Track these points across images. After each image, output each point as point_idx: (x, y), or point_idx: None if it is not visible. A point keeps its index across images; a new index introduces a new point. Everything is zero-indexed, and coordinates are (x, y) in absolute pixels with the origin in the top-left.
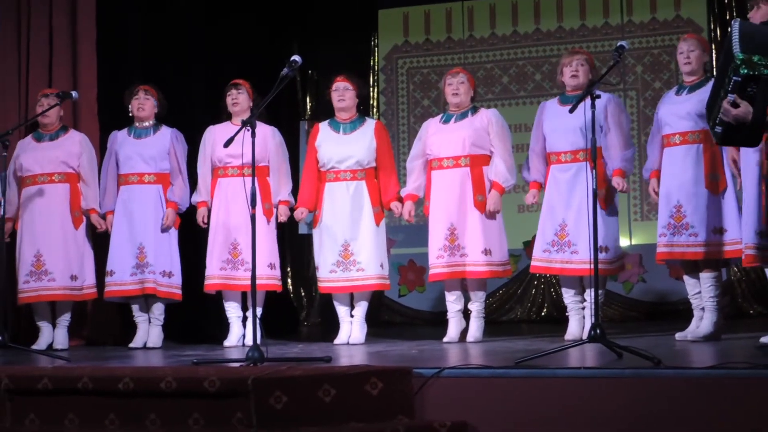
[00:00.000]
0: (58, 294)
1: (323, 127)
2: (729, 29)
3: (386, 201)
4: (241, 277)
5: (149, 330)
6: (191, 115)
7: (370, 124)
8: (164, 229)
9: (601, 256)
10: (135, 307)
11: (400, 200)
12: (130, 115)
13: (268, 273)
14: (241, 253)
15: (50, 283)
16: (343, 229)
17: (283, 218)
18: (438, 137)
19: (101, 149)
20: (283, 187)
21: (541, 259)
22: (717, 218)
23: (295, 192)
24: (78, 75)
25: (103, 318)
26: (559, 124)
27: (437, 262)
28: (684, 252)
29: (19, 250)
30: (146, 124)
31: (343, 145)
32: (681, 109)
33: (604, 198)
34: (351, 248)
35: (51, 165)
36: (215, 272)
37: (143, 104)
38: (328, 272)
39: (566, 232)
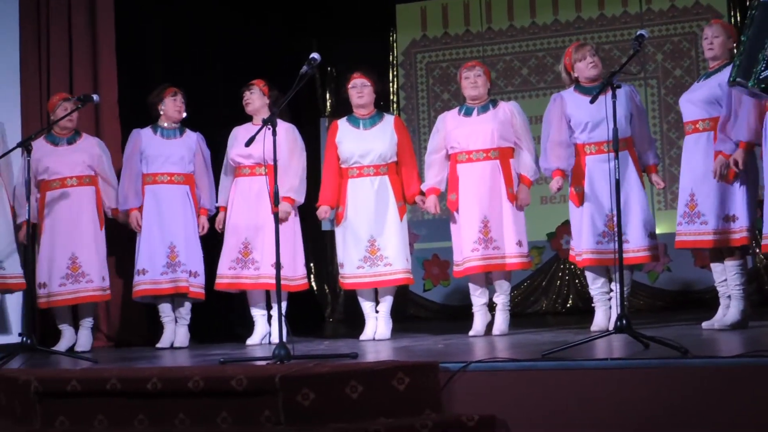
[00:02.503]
0: (94, 296)
1: (342, 123)
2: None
3: (409, 195)
4: (250, 275)
5: (176, 330)
6: (211, 115)
7: (389, 119)
8: (197, 225)
9: (653, 242)
10: (162, 307)
11: (423, 194)
12: (160, 114)
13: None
14: (251, 252)
15: (88, 285)
16: (368, 225)
17: (282, 215)
18: (462, 130)
19: (123, 151)
20: (287, 183)
21: (593, 251)
22: (728, 206)
23: (316, 189)
24: (98, 77)
25: (130, 318)
26: (594, 115)
27: (472, 255)
28: (696, 240)
29: (48, 253)
30: (174, 125)
31: (364, 141)
32: (694, 96)
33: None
34: (377, 243)
35: (78, 168)
36: (224, 271)
37: (181, 107)
38: (354, 268)
39: (615, 222)
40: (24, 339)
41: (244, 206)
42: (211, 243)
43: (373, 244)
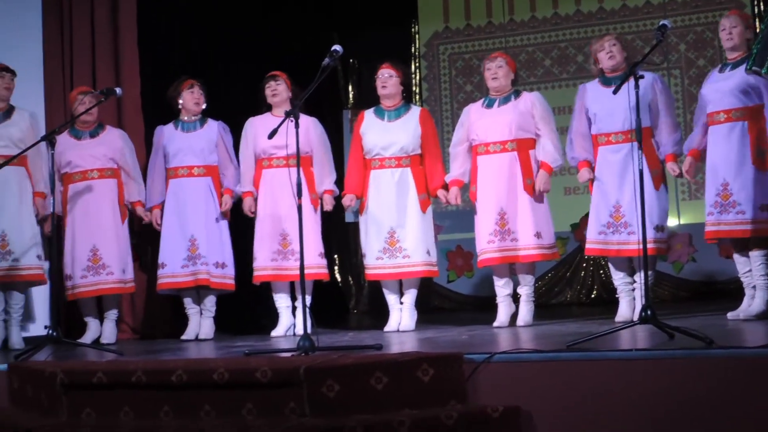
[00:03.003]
0: (114, 287)
1: (368, 114)
2: None
3: (433, 188)
4: (292, 267)
5: (201, 322)
6: (232, 106)
7: (415, 111)
8: (221, 216)
9: (658, 235)
10: (187, 300)
11: (446, 187)
12: (180, 107)
13: (319, 262)
14: (291, 243)
15: (108, 277)
16: (388, 217)
17: (328, 207)
18: (482, 122)
19: (147, 144)
20: (326, 176)
21: (596, 242)
22: (765, 195)
23: (340, 180)
24: (121, 71)
25: (155, 311)
26: (607, 106)
27: (488, 247)
28: (731, 230)
29: (70, 245)
30: (194, 117)
31: (387, 133)
32: (724, 86)
33: (659, 177)
34: (397, 235)
35: (99, 161)
36: (266, 263)
37: (199, 99)
38: (374, 259)
39: (621, 213)
40: (50, 331)
41: (279, 197)
42: (238, 234)
43: (393, 235)
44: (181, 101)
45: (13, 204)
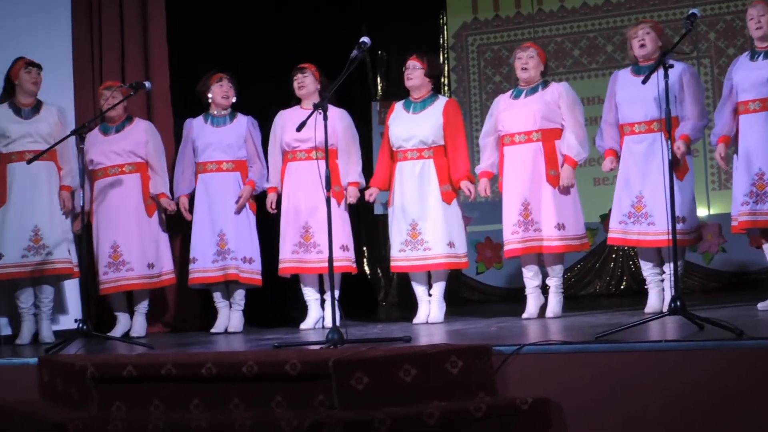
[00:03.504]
0: (136, 283)
1: (398, 106)
2: None
3: (455, 180)
4: (314, 259)
5: (230, 315)
6: (262, 100)
7: (441, 102)
8: (249, 211)
9: (678, 227)
10: (216, 294)
11: (470, 179)
12: (209, 102)
13: (341, 255)
14: (313, 236)
15: (128, 273)
16: (411, 209)
17: (351, 199)
18: (509, 113)
19: (176, 138)
20: (352, 168)
21: (617, 231)
22: None
23: (368, 172)
24: (150, 65)
25: (185, 304)
26: (633, 95)
27: (512, 238)
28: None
29: (96, 242)
30: (224, 111)
31: (410, 124)
32: (760, 75)
33: (681, 169)
34: (419, 227)
35: (120, 157)
36: (287, 256)
37: (228, 93)
38: (397, 251)
39: (643, 204)
40: (80, 325)
41: (302, 190)
42: (265, 228)
43: (415, 228)
44: (210, 95)
45: (45, 199)
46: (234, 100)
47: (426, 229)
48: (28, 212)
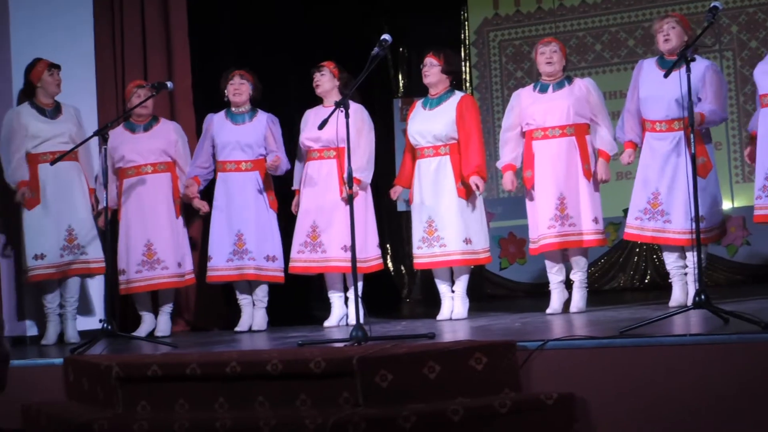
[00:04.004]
0: (169, 282)
1: (418, 104)
2: None
3: (465, 175)
4: (318, 259)
5: (254, 313)
6: (284, 97)
7: (455, 97)
8: (270, 209)
9: (701, 225)
10: (239, 292)
11: (480, 174)
12: (226, 100)
13: (344, 255)
14: (320, 235)
15: (163, 272)
16: (428, 206)
17: (345, 195)
18: (538, 107)
19: (198, 137)
20: (353, 163)
21: (634, 227)
22: None
23: (389, 170)
24: (172, 64)
25: (208, 303)
26: (656, 93)
27: (548, 232)
28: None
29: (125, 240)
30: (242, 109)
31: (425, 121)
32: None
33: (703, 166)
34: (435, 224)
35: (153, 155)
36: (295, 255)
37: (239, 89)
38: (416, 248)
39: (659, 201)
40: (105, 325)
41: (312, 190)
42: (288, 226)
43: (431, 224)
44: (226, 92)
45: (77, 198)
46: (246, 97)
47: (441, 225)
48: (62, 212)
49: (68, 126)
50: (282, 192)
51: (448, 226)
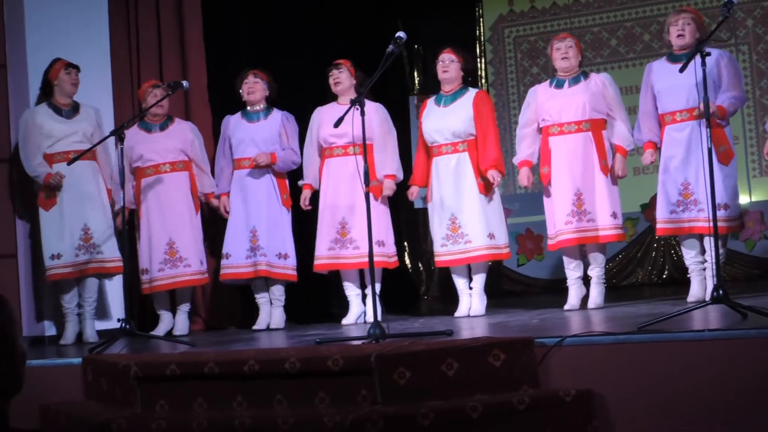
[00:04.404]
0: (193, 279)
1: (430, 102)
2: None
3: (483, 169)
4: (349, 255)
5: (272, 311)
6: (300, 96)
7: (470, 94)
8: (282, 207)
9: (722, 213)
10: (257, 290)
11: (498, 169)
12: (243, 99)
13: (377, 251)
14: (350, 231)
15: (186, 269)
16: (449, 203)
17: (388, 192)
18: (554, 102)
19: (215, 136)
20: (388, 160)
21: (668, 221)
22: None
23: (407, 167)
24: (187, 63)
25: (225, 302)
26: (672, 83)
27: (565, 228)
28: None
29: (146, 239)
30: (257, 107)
31: (441, 118)
32: None
33: (725, 154)
34: (458, 221)
35: (171, 154)
36: (323, 252)
37: (253, 88)
38: (440, 246)
39: (690, 191)
40: (123, 324)
41: (338, 186)
42: (304, 224)
43: (455, 221)
44: (241, 92)
45: (93, 198)
46: (260, 95)
47: (465, 221)
48: (78, 212)
49: (83, 125)
50: (295, 192)
51: (472, 222)
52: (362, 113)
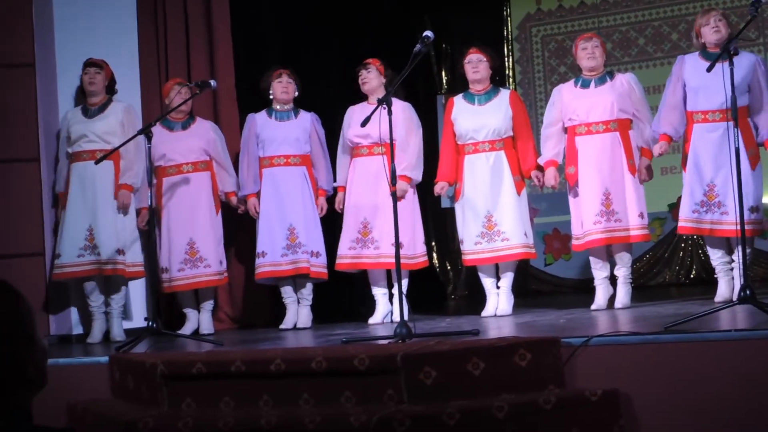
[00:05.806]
0: (212, 280)
1: (458, 100)
2: None
3: (526, 170)
4: (371, 255)
5: (299, 311)
6: (326, 95)
7: (505, 94)
8: (315, 206)
9: (753, 216)
10: (284, 289)
11: (540, 168)
12: (270, 98)
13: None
14: (371, 231)
15: (206, 270)
16: (485, 201)
17: (399, 194)
18: (581, 102)
19: (241, 135)
20: (405, 161)
21: (690, 220)
22: None
23: (434, 166)
24: (215, 62)
25: (253, 301)
26: (707, 82)
27: (594, 228)
28: None
29: (167, 238)
30: (287, 107)
31: (479, 116)
32: None
33: (754, 157)
34: (494, 219)
35: (193, 154)
36: (345, 251)
37: (287, 88)
38: (473, 244)
39: (715, 193)
40: (150, 323)
41: (362, 186)
42: (331, 223)
43: (490, 219)
44: (270, 91)
45: (102, 199)
46: (295, 95)
47: (501, 220)
48: (84, 212)
49: (97, 125)
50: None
51: (509, 220)
52: (389, 112)
